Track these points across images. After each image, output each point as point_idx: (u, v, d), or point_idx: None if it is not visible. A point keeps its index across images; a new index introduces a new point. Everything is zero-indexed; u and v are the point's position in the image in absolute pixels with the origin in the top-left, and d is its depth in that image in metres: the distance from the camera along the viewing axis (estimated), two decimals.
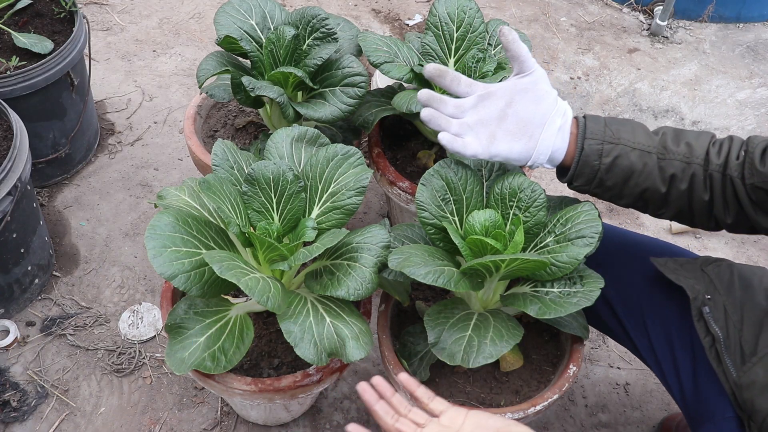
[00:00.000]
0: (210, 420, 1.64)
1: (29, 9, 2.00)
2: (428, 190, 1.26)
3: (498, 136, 1.15)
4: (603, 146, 1.15)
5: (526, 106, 1.15)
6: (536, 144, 1.15)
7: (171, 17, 2.75)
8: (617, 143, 1.15)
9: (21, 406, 1.63)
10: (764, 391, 1.07)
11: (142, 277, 1.91)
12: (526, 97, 1.15)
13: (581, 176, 1.18)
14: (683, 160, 1.14)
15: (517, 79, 1.16)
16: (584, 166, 1.16)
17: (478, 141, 1.15)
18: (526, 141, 1.15)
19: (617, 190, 1.18)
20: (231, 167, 1.29)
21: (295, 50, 1.57)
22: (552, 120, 1.15)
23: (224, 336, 1.23)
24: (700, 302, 1.20)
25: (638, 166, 1.15)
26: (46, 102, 1.90)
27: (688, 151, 1.15)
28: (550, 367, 1.43)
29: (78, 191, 2.10)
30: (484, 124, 1.15)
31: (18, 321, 1.78)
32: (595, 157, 1.15)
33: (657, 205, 1.19)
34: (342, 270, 1.23)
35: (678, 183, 1.15)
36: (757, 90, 2.61)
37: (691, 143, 1.16)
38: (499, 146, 1.15)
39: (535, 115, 1.15)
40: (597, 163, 1.15)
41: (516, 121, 1.15)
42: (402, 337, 1.40)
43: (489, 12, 2.90)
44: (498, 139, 1.15)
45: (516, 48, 1.16)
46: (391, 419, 1.02)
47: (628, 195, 1.18)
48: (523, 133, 1.15)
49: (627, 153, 1.15)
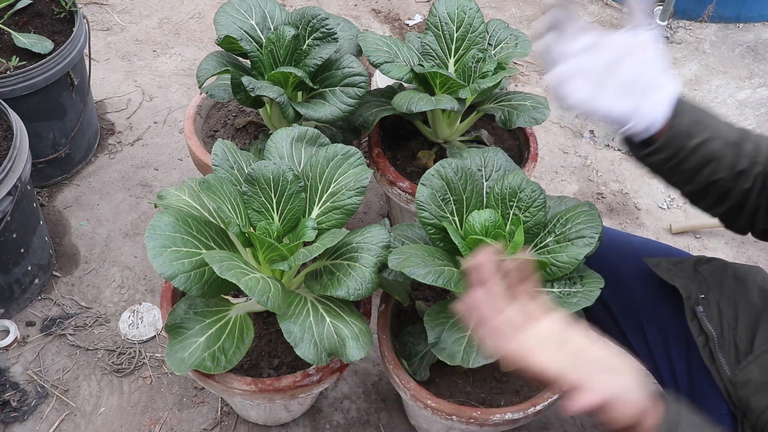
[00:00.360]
0: (210, 420, 1.64)
1: (29, 9, 2.00)
2: (428, 190, 1.26)
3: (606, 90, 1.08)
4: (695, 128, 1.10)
5: (637, 66, 1.08)
6: (641, 107, 1.08)
7: (171, 17, 2.75)
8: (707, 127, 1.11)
9: (21, 406, 1.63)
10: (759, 390, 1.07)
11: (142, 277, 1.91)
12: (639, 56, 1.09)
13: (664, 151, 1.11)
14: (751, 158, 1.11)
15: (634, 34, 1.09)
16: (672, 142, 1.10)
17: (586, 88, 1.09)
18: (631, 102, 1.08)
19: (690, 175, 1.13)
20: (231, 167, 1.29)
21: (295, 50, 1.57)
22: (659, 87, 1.09)
23: (224, 336, 1.23)
24: (694, 301, 1.20)
25: (719, 155, 1.10)
26: (46, 102, 1.90)
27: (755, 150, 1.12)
28: None
29: (78, 191, 2.10)
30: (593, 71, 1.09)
31: (18, 321, 1.78)
32: (686, 135, 1.10)
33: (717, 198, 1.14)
34: (342, 270, 1.23)
35: (743, 181, 1.11)
36: (757, 90, 2.61)
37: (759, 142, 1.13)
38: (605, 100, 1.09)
39: (645, 76, 1.09)
40: (685, 142, 1.10)
41: (625, 79, 1.08)
42: (402, 337, 1.40)
43: (489, 12, 2.90)
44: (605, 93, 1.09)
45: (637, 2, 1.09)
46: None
47: (698, 182, 1.13)
48: (631, 93, 1.08)
49: (713, 140, 1.10)
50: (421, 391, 1.32)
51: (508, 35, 1.70)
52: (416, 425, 1.60)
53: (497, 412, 1.29)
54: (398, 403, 1.67)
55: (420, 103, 1.48)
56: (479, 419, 1.29)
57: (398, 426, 1.64)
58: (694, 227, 2.13)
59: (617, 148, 2.40)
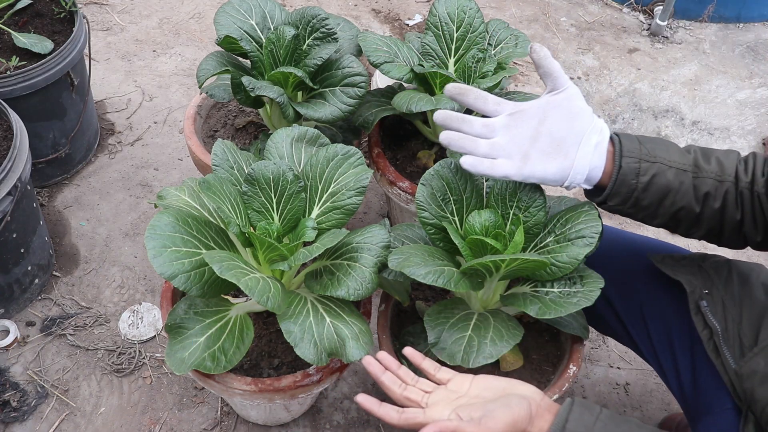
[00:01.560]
0: (210, 420, 1.64)
1: (29, 9, 2.00)
2: (428, 190, 1.26)
3: (532, 157, 1.09)
4: (641, 164, 1.10)
5: (560, 123, 1.10)
6: (573, 163, 1.09)
7: (171, 17, 2.75)
8: (654, 161, 1.11)
9: (21, 406, 1.63)
10: (765, 381, 1.07)
11: (142, 277, 1.91)
12: (560, 114, 1.10)
13: (617, 195, 1.12)
14: (716, 178, 1.11)
15: (550, 96, 1.11)
16: (621, 185, 1.11)
17: (511, 162, 1.10)
18: (561, 160, 1.09)
19: (652, 210, 1.14)
20: (231, 167, 1.29)
21: (295, 50, 1.57)
22: (588, 137, 1.10)
23: (224, 336, 1.23)
24: (698, 296, 1.20)
25: (675, 184, 1.11)
26: (46, 102, 1.90)
27: (719, 169, 1.12)
28: (550, 367, 1.43)
29: (78, 191, 2.10)
30: (516, 144, 1.10)
31: (18, 321, 1.78)
32: (633, 175, 1.10)
33: (689, 224, 1.15)
34: (342, 270, 1.23)
35: (712, 201, 1.12)
36: (757, 90, 2.61)
37: (722, 160, 1.13)
38: (534, 167, 1.10)
39: (570, 132, 1.09)
40: (634, 182, 1.10)
41: (550, 140, 1.09)
42: (402, 337, 1.40)
43: (489, 12, 2.90)
44: (532, 160, 1.10)
45: (548, 64, 1.11)
46: (398, 388, 1.04)
47: (662, 215, 1.14)
48: (558, 152, 1.09)
49: (664, 171, 1.11)
50: None
51: (508, 35, 1.70)
52: None
53: None
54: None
55: (420, 103, 1.48)
56: None
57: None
58: None
59: None
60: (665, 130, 2.45)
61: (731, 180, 1.12)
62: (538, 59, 1.11)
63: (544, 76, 1.12)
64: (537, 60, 1.11)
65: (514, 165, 1.10)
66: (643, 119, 2.48)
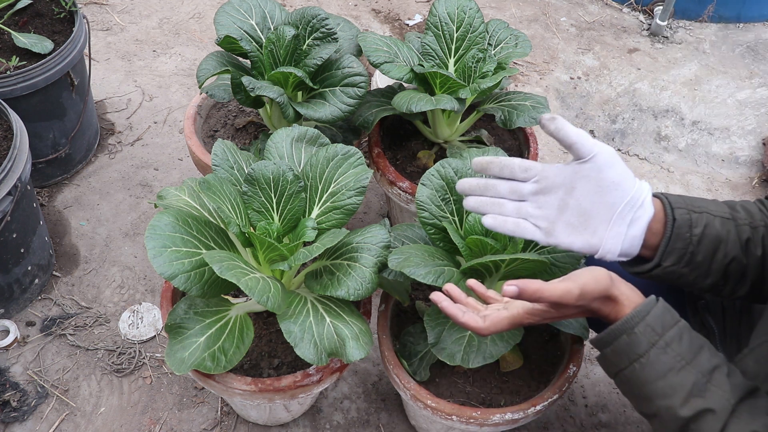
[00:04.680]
0: (210, 420, 1.64)
1: (29, 9, 2.00)
2: (428, 190, 1.26)
3: (558, 227, 1.02)
4: (691, 215, 1.04)
5: (588, 197, 1.01)
6: (601, 242, 1.01)
7: (171, 17, 2.75)
8: (701, 211, 1.05)
9: (21, 406, 1.63)
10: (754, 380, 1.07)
11: (142, 277, 1.90)
12: (588, 186, 1.00)
13: (673, 253, 1.04)
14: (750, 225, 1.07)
15: (577, 164, 1.01)
16: (677, 240, 1.03)
17: (536, 229, 1.04)
18: (588, 237, 1.01)
19: (706, 266, 1.06)
20: (231, 167, 1.29)
21: (295, 50, 1.57)
22: (621, 215, 1.01)
23: (224, 336, 1.23)
24: (697, 297, 1.20)
25: (723, 234, 1.05)
26: (46, 102, 1.90)
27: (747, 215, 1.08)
28: (550, 367, 1.43)
29: (78, 191, 2.10)
30: (543, 212, 1.03)
31: (18, 321, 1.78)
32: (686, 228, 1.03)
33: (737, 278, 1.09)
34: (342, 270, 1.23)
35: (753, 249, 1.07)
36: (757, 90, 2.61)
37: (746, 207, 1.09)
38: (559, 238, 1.03)
39: (600, 207, 1.01)
40: (688, 234, 1.03)
41: (578, 213, 1.01)
42: (402, 337, 1.40)
43: (489, 12, 2.90)
44: (558, 231, 1.02)
45: (564, 135, 1.00)
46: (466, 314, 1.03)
47: (715, 270, 1.07)
48: (586, 228, 1.01)
49: (712, 221, 1.05)
50: (421, 391, 1.32)
51: (508, 35, 1.70)
52: (416, 425, 1.60)
53: (497, 412, 1.29)
54: (398, 403, 1.67)
55: (420, 103, 1.48)
56: (479, 419, 1.29)
57: (398, 426, 1.64)
58: None
59: (617, 148, 2.40)
60: (665, 130, 2.44)
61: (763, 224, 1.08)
62: (554, 131, 1.00)
63: (566, 147, 1.01)
64: (553, 133, 1.00)
65: (539, 232, 1.04)
66: (643, 119, 2.48)
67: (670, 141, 2.42)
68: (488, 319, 1.01)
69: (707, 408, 0.92)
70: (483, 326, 1.00)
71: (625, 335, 0.96)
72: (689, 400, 0.93)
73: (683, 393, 0.93)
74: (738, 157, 2.38)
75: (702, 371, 0.94)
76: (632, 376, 0.97)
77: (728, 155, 2.39)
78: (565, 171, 1.02)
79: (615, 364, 0.99)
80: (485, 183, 1.05)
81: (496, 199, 1.05)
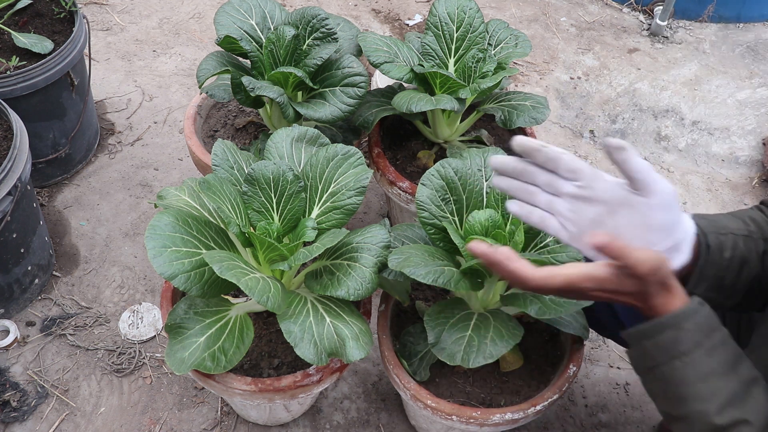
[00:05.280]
0: (210, 420, 1.64)
1: (29, 9, 2.00)
2: (428, 190, 1.26)
3: (585, 239, 0.95)
4: (719, 238, 1.00)
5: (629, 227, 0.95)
6: None
7: (171, 17, 2.75)
8: (726, 232, 1.02)
9: (21, 406, 1.63)
10: None
11: (142, 277, 1.90)
12: (632, 218, 0.95)
13: (703, 281, 1.01)
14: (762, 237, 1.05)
15: (632, 194, 0.94)
16: (710, 267, 1.00)
17: (564, 230, 0.98)
18: None
19: (732, 288, 1.04)
20: (231, 167, 1.29)
21: (295, 50, 1.57)
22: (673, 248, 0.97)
23: (224, 336, 1.23)
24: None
25: (746, 253, 1.03)
26: (46, 102, 1.90)
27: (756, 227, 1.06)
28: (550, 367, 1.43)
29: (78, 191, 2.10)
30: (575, 218, 0.97)
31: (18, 321, 1.78)
32: (718, 253, 1.00)
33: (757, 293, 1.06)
34: (342, 270, 1.23)
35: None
36: (757, 90, 2.61)
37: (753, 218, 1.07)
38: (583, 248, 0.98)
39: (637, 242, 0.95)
40: (719, 259, 1.00)
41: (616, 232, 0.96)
42: (402, 337, 1.40)
43: (489, 12, 2.90)
44: (584, 242, 0.97)
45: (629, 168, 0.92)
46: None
47: (739, 290, 1.04)
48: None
49: (738, 242, 1.02)
50: (421, 391, 1.32)
51: (508, 35, 1.70)
52: (416, 425, 1.60)
53: (497, 412, 1.29)
54: (398, 403, 1.67)
55: (420, 103, 1.48)
56: (479, 419, 1.29)
57: (398, 426, 1.64)
58: None
59: None
60: (665, 130, 2.44)
61: None
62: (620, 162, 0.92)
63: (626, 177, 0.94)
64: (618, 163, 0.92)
65: (566, 234, 0.99)
66: (643, 119, 2.48)
67: (670, 141, 2.42)
68: (542, 270, 0.91)
69: (744, 419, 0.89)
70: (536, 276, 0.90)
71: (672, 330, 0.91)
72: (726, 408, 0.89)
73: (721, 399, 0.89)
74: (738, 157, 2.38)
75: (742, 381, 0.91)
76: (671, 374, 0.92)
77: (728, 155, 2.39)
78: (615, 191, 0.95)
79: (653, 358, 0.93)
80: (524, 168, 0.98)
81: (528, 185, 0.99)
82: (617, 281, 0.91)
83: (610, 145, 0.91)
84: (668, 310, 0.92)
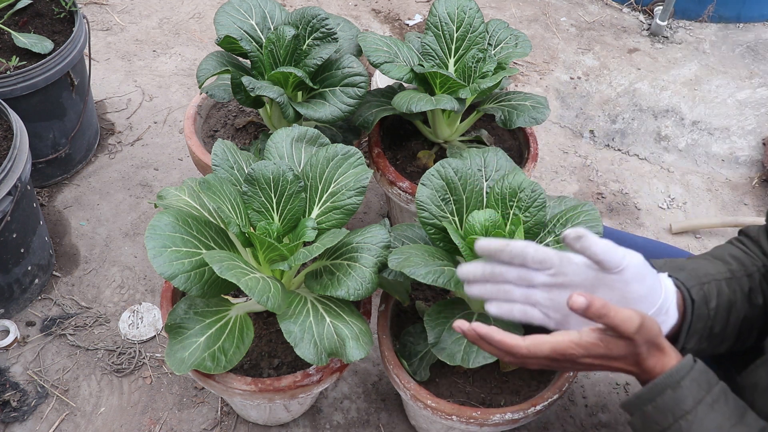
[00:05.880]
0: (210, 420, 1.64)
1: (29, 9, 2.00)
2: (428, 190, 1.26)
3: (571, 322, 0.98)
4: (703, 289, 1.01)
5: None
6: None
7: (171, 17, 2.75)
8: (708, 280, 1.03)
9: (21, 406, 1.63)
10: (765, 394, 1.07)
11: (142, 277, 1.90)
12: (611, 295, 0.96)
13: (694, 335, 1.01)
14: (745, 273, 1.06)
15: (602, 273, 0.97)
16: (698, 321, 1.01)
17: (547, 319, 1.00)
18: None
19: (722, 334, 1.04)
20: (231, 167, 1.29)
21: (295, 50, 1.57)
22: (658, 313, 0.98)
23: (224, 336, 1.23)
24: None
25: (732, 296, 1.03)
26: (46, 102, 1.90)
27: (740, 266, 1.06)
28: None
29: (78, 191, 2.10)
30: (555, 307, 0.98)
31: (18, 321, 1.78)
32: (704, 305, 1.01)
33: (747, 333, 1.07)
34: (342, 270, 1.23)
35: (755, 298, 1.06)
36: (757, 90, 2.61)
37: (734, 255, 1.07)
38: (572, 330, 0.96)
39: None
40: (706, 311, 1.01)
41: None
42: (402, 337, 1.40)
43: (489, 12, 2.90)
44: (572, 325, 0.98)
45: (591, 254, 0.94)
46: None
47: (729, 335, 1.05)
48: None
49: (722, 288, 1.03)
50: (421, 391, 1.32)
51: (508, 35, 1.70)
52: (416, 425, 1.60)
53: (497, 412, 1.29)
54: (398, 403, 1.67)
55: (420, 103, 1.48)
56: (479, 419, 1.29)
57: (398, 426, 1.64)
58: (694, 227, 2.13)
59: (617, 148, 2.40)
60: (665, 130, 2.44)
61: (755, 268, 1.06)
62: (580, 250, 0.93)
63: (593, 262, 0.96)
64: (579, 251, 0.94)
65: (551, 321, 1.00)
66: (643, 119, 2.48)
67: (670, 141, 2.42)
68: (529, 338, 0.92)
69: None
70: (522, 344, 0.91)
71: (670, 389, 0.90)
72: None
73: None
74: (738, 157, 2.38)
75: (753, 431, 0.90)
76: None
77: (728, 155, 2.39)
78: (587, 273, 0.96)
79: (657, 422, 0.92)
80: (491, 271, 0.99)
81: (502, 285, 0.99)
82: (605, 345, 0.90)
83: (567, 237, 0.92)
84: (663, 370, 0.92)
